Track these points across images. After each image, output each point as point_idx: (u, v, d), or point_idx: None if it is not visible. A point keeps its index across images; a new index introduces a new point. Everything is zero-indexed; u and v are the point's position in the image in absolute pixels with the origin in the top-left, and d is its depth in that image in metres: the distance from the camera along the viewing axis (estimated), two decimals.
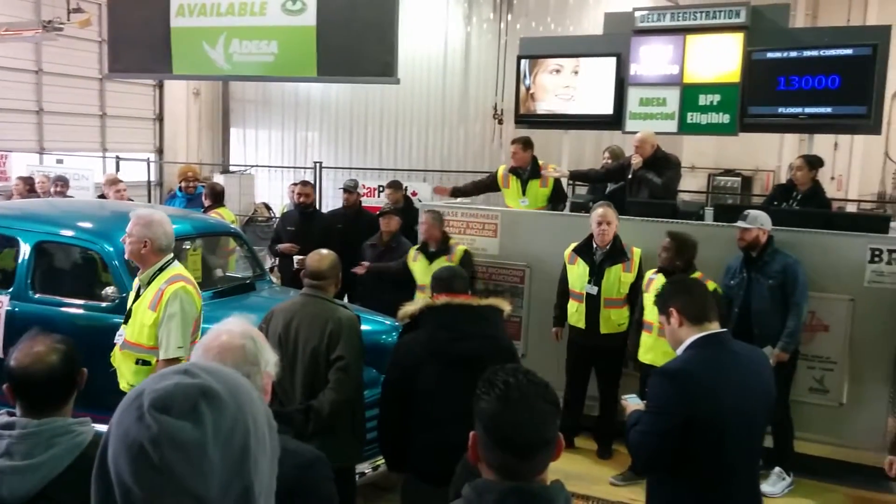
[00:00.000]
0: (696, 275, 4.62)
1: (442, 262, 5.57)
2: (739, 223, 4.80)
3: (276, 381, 3.32)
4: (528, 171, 6.36)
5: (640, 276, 5.14)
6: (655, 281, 4.81)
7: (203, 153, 15.86)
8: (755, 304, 4.77)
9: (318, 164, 9.45)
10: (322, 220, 7.08)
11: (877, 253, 4.83)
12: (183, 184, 7.63)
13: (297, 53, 7.58)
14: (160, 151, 15.52)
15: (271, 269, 6.70)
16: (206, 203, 6.94)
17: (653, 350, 4.78)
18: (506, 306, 3.34)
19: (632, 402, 2.71)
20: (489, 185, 6.65)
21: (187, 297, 3.38)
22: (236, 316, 1.90)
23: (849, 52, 6.15)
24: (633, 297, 5.16)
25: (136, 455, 0.87)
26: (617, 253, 5.16)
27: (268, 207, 14.42)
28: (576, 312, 5.29)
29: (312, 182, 8.63)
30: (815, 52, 6.27)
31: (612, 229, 5.12)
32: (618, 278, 5.14)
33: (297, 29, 7.54)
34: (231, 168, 15.53)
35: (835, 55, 6.18)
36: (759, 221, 4.77)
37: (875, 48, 6.07)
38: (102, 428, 1.05)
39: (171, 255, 3.49)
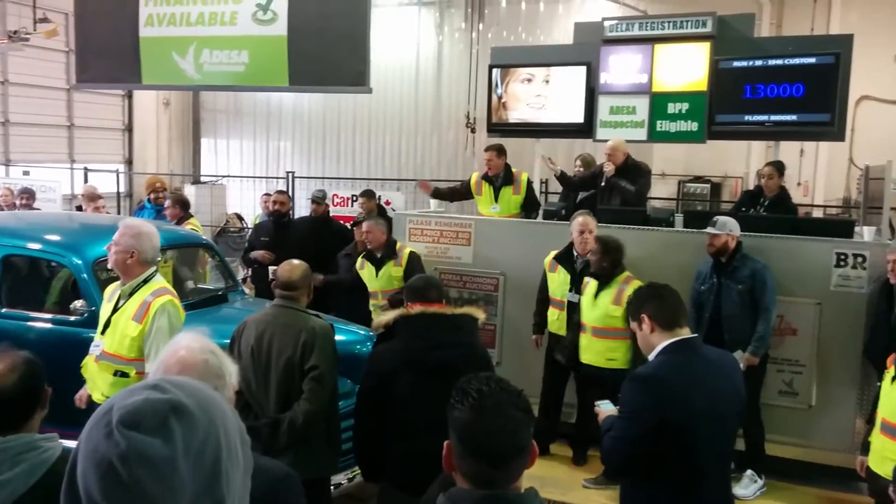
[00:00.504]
0: (625, 274, 4.93)
1: (389, 268, 5.63)
2: (709, 229, 4.87)
3: (250, 393, 3.35)
4: (501, 179, 6.39)
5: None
6: (589, 285, 5.03)
7: (174, 164, 15.69)
8: (725, 309, 4.84)
9: (290, 174, 9.42)
10: (296, 229, 7.05)
11: (842, 257, 4.93)
12: (152, 195, 7.55)
13: (269, 63, 7.54)
14: (129, 162, 15.33)
15: (244, 281, 6.65)
16: (175, 213, 6.85)
17: (588, 350, 4.96)
18: (480, 315, 3.35)
19: (605, 408, 2.73)
20: (463, 192, 6.68)
21: (174, 311, 3.42)
22: (190, 331, 1.89)
23: (812, 60, 6.28)
24: None
25: (105, 472, 0.86)
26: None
27: (240, 218, 14.30)
28: (557, 320, 5.31)
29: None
30: (779, 61, 6.40)
31: (592, 237, 5.15)
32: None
33: (268, 38, 7.51)
34: (202, 178, 15.37)
35: (799, 64, 6.31)
36: (727, 227, 4.85)
37: (838, 57, 6.20)
38: (71, 444, 1.03)
39: (155, 268, 3.50)
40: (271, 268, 6.35)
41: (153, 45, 8.02)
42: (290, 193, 9.17)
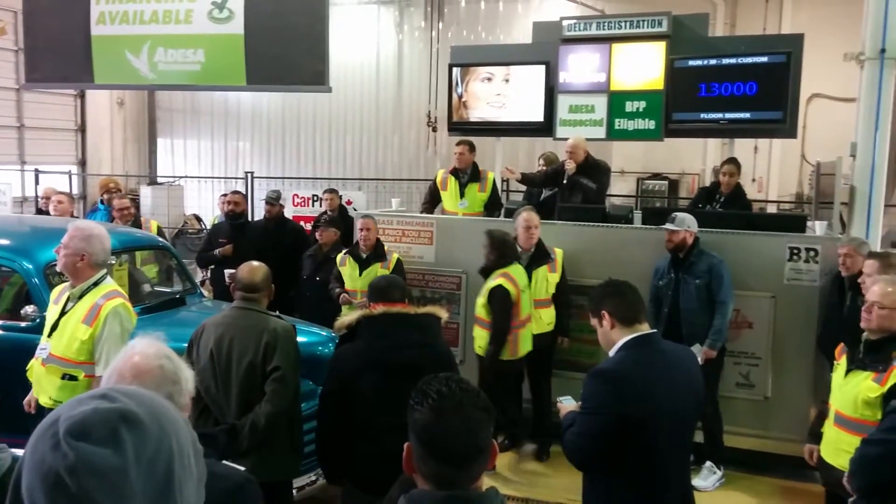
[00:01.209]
0: (514, 266, 5.09)
1: (376, 269, 5.57)
2: (667, 225, 4.95)
3: (210, 397, 3.30)
4: (468, 175, 6.42)
5: (564, 276, 5.30)
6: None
7: (129, 164, 15.38)
8: (683, 303, 4.92)
9: (249, 175, 9.29)
10: (254, 230, 6.97)
11: (795, 251, 5.05)
12: (105, 196, 7.36)
13: (225, 62, 7.44)
14: (83, 163, 14.97)
15: (202, 283, 6.54)
16: (131, 212, 6.67)
17: (485, 340, 5.06)
18: (443, 314, 3.35)
19: (567, 404, 2.75)
20: (433, 193, 6.66)
21: (126, 315, 3.39)
22: (145, 336, 1.85)
23: (764, 59, 6.42)
24: (559, 296, 5.30)
25: (52, 484, 0.83)
26: (542, 254, 5.27)
27: (198, 219, 14.07)
28: None
29: (244, 192, 8.48)
30: (733, 60, 6.53)
31: (537, 232, 5.24)
32: (545, 279, 5.25)
33: (224, 37, 7.40)
34: (159, 179, 15.10)
35: (752, 63, 6.45)
36: (685, 224, 4.93)
37: (789, 56, 6.36)
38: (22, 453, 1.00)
39: (105, 270, 3.46)
40: (227, 271, 6.29)
41: (106, 44, 7.85)
42: (250, 194, 9.06)
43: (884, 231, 8.10)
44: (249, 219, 7.74)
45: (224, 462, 1.88)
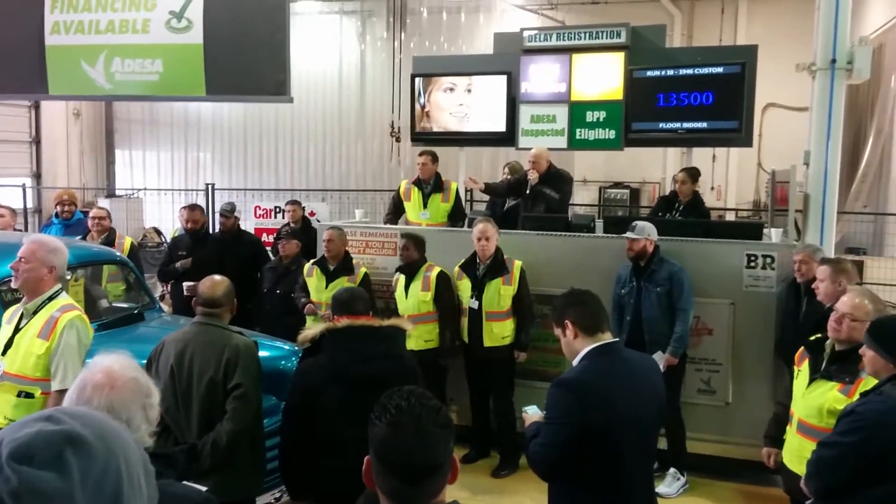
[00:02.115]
0: (424, 266, 5.43)
1: (343, 282, 5.53)
2: (628, 234, 5.01)
3: (170, 415, 3.23)
4: (431, 185, 6.42)
5: (521, 288, 5.28)
6: (398, 280, 5.47)
7: (86, 177, 15.06)
8: (645, 311, 4.98)
9: (209, 186, 9.17)
10: (215, 243, 6.87)
11: (752, 258, 5.15)
12: (58, 208, 7.14)
13: (184, 72, 7.32)
14: (38, 176, 14.61)
15: (161, 297, 6.41)
16: (105, 224, 6.49)
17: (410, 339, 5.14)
18: (408, 326, 3.34)
19: (531, 414, 2.75)
20: (397, 203, 6.65)
21: (83, 327, 3.33)
22: (113, 352, 1.82)
23: (720, 70, 6.56)
24: (518, 310, 5.28)
25: None
26: (498, 267, 5.26)
27: (158, 232, 13.83)
28: (463, 328, 5.38)
29: (205, 205, 8.37)
30: (690, 71, 6.65)
31: (491, 244, 5.23)
32: (497, 291, 5.23)
33: (183, 47, 7.29)
34: (117, 192, 14.82)
35: (708, 73, 6.58)
36: (646, 232, 4.99)
37: (744, 66, 6.50)
38: None
39: (61, 285, 3.42)
40: (186, 284, 6.20)
41: (60, 54, 7.68)
42: (210, 206, 8.94)
43: (838, 237, 8.33)
44: (211, 231, 7.63)
45: (184, 483, 1.84)
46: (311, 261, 5.82)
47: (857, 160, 10.47)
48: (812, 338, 3.40)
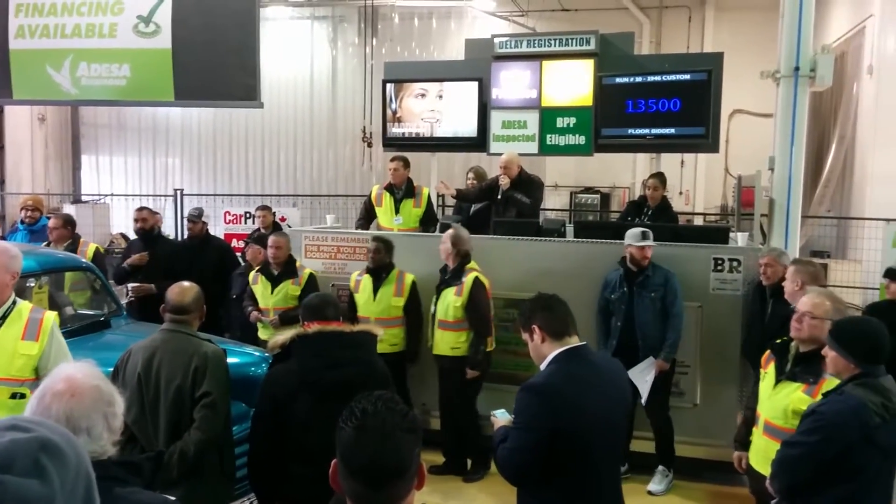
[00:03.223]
0: (396, 271, 5.42)
1: (287, 286, 5.54)
2: (644, 242, 5.01)
3: (136, 424, 3.18)
4: (403, 191, 6.43)
5: (472, 301, 5.10)
6: (363, 281, 5.41)
7: (51, 182, 14.77)
8: (639, 316, 5.01)
9: (178, 192, 9.06)
10: (167, 246, 6.80)
11: (719, 262, 5.23)
12: (23, 214, 7.01)
13: (152, 77, 7.27)
14: (1, 182, 14.31)
15: (126, 305, 6.32)
16: (64, 234, 6.40)
17: (383, 342, 5.09)
18: (378, 331, 3.33)
19: (500, 418, 2.76)
20: (368, 209, 6.64)
21: (58, 327, 3.33)
22: (69, 363, 1.79)
23: (687, 77, 6.67)
24: (473, 321, 5.13)
25: None
26: (454, 276, 5.21)
27: (125, 238, 13.60)
28: (429, 334, 5.44)
29: (173, 211, 8.29)
30: (657, 78, 6.76)
31: (443, 250, 5.21)
32: (445, 300, 5.19)
33: (150, 51, 7.24)
34: (83, 198, 14.56)
35: (675, 80, 6.69)
36: (652, 238, 5.05)
37: (710, 73, 6.62)
38: None
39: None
40: (130, 285, 6.16)
41: (25, 58, 7.58)
42: (179, 212, 8.85)
43: (802, 241, 8.49)
44: (179, 236, 7.55)
45: (149, 492, 1.82)
46: (255, 268, 5.80)
47: (820, 165, 10.69)
48: (778, 340, 3.46)
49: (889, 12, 9.00)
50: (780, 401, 3.24)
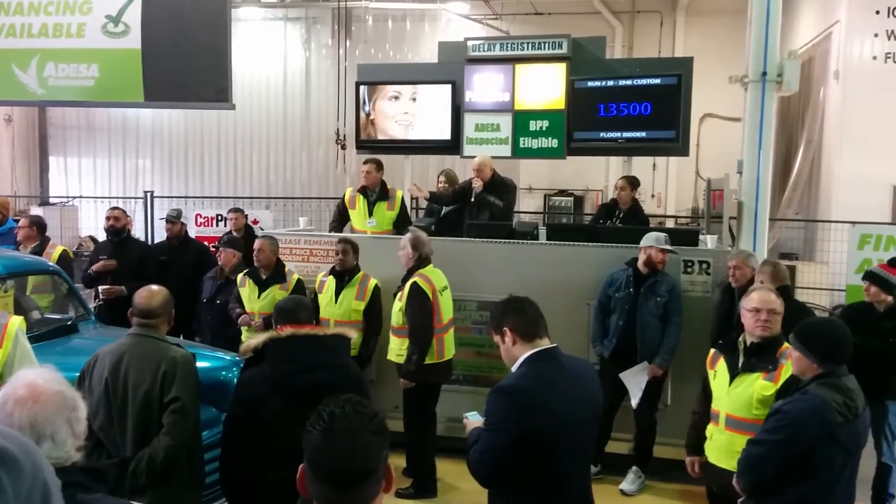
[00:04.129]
0: (360, 274, 5.38)
1: (274, 291, 5.48)
2: (662, 245, 5.06)
3: (103, 430, 3.14)
4: (376, 193, 6.41)
5: (408, 306, 4.95)
6: (327, 283, 5.40)
7: (18, 184, 14.51)
8: (642, 319, 5.06)
9: (148, 194, 8.95)
10: (138, 248, 6.72)
11: (689, 264, 5.30)
12: None
13: (121, 78, 7.18)
14: None
15: (96, 309, 6.23)
16: (30, 234, 6.29)
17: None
18: (352, 334, 3.32)
19: (472, 420, 2.77)
20: (342, 211, 6.61)
21: (24, 332, 3.27)
22: (29, 368, 1.77)
23: (657, 81, 6.74)
24: (408, 328, 4.97)
25: None
26: (404, 281, 5.10)
27: (94, 241, 13.41)
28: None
29: (143, 213, 8.18)
30: (628, 82, 6.82)
31: (402, 254, 5.12)
32: (394, 306, 5.14)
33: (120, 52, 7.14)
34: (51, 199, 14.32)
35: (646, 84, 6.76)
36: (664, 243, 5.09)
37: (680, 78, 6.69)
38: None
39: None
40: (101, 287, 6.07)
41: None
42: (149, 214, 8.74)
43: (771, 243, 8.63)
44: (152, 239, 7.45)
45: (114, 498, 1.80)
46: (244, 271, 5.75)
47: (789, 169, 10.88)
48: (720, 340, 3.58)
49: (854, 19, 9.20)
50: (742, 393, 3.33)
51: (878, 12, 9.07)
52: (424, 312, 4.90)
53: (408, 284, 4.98)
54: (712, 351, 3.63)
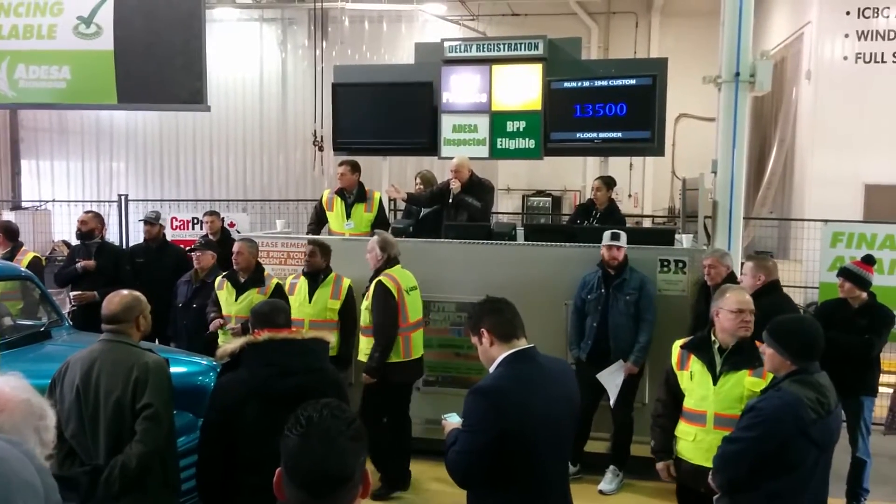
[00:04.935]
0: (333, 275, 5.40)
1: (252, 294, 5.43)
2: (613, 242, 5.09)
3: (75, 438, 3.09)
4: (353, 195, 6.38)
5: (373, 305, 5.00)
6: (298, 284, 5.43)
7: None
8: (612, 319, 5.08)
9: (122, 197, 8.83)
10: (112, 252, 6.64)
11: (665, 263, 5.34)
12: None
13: (94, 79, 7.08)
14: None
15: (70, 314, 6.14)
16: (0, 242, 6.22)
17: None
18: (330, 338, 3.29)
19: (451, 421, 2.77)
20: (319, 213, 6.58)
21: None
22: (4, 374, 1.74)
23: (633, 82, 6.78)
24: (374, 326, 5.04)
25: None
26: (371, 281, 5.13)
27: (68, 245, 13.21)
28: None
29: (117, 217, 8.07)
30: (604, 83, 6.85)
31: (370, 256, 5.16)
32: (362, 305, 5.18)
33: (92, 53, 7.05)
34: (23, 204, 14.09)
35: (621, 85, 6.79)
36: (624, 241, 5.11)
37: (655, 78, 6.74)
38: None
39: None
40: (72, 293, 6.02)
41: None
42: (124, 218, 8.63)
43: (746, 242, 8.73)
44: (127, 242, 7.37)
45: None
46: (223, 274, 5.70)
47: (763, 168, 11.00)
48: (685, 340, 3.59)
49: (825, 20, 9.33)
50: (731, 392, 3.34)
51: (848, 13, 9.21)
52: (388, 311, 4.96)
53: (373, 283, 5.03)
54: (679, 351, 3.63)
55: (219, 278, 5.65)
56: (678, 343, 3.69)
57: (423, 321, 5.29)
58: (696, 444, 3.46)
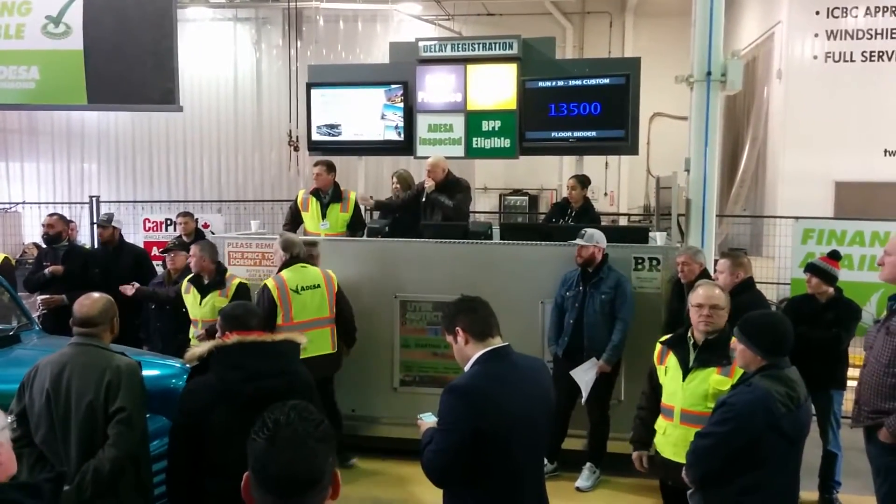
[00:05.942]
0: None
1: (215, 296, 5.39)
2: (577, 241, 5.11)
3: (46, 443, 3.04)
4: (329, 195, 6.35)
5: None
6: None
7: None
8: (588, 317, 5.10)
9: (94, 199, 8.69)
10: (80, 255, 6.56)
11: (639, 261, 5.38)
12: None
13: (63, 80, 6.99)
14: None
15: (40, 319, 6.05)
16: None
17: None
18: (301, 339, 3.26)
19: (426, 420, 2.76)
20: (294, 214, 6.53)
21: None
22: None
23: (606, 81, 6.83)
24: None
25: None
26: None
27: (38, 248, 13.00)
28: None
29: (88, 219, 7.95)
30: (578, 82, 6.89)
31: (277, 257, 5.31)
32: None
33: (61, 53, 6.95)
34: None
35: (595, 84, 6.84)
36: (594, 239, 5.12)
37: (628, 78, 6.79)
38: None
39: None
40: (40, 297, 6.00)
41: None
42: (95, 219, 8.50)
43: (720, 239, 8.82)
44: (92, 244, 7.27)
45: None
46: (187, 277, 5.64)
47: (735, 166, 11.13)
48: (666, 336, 3.64)
49: (796, 19, 9.46)
50: (697, 388, 3.38)
51: (818, 13, 9.34)
52: (265, 308, 5.00)
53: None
54: (659, 346, 3.69)
55: (185, 282, 5.60)
56: (661, 339, 3.73)
57: (327, 319, 5.25)
58: (665, 437, 3.53)
